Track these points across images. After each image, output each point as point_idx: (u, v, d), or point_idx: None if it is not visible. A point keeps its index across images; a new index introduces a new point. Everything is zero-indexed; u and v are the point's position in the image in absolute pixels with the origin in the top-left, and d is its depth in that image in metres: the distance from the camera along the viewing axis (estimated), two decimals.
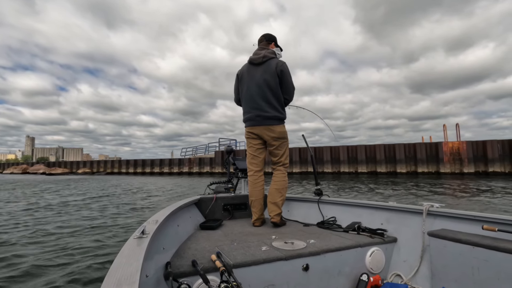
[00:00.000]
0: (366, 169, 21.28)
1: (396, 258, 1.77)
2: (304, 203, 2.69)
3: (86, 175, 32.27)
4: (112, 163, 35.01)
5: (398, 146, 20.70)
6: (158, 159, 31.27)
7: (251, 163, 2.44)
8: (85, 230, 4.66)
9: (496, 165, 18.33)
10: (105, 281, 0.71)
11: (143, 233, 1.17)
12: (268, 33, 2.51)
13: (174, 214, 1.85)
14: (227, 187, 2.93)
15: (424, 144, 20.18)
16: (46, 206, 7.62)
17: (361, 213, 2.16)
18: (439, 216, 1.69)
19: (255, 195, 2.36)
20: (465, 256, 1.35)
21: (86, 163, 37.75)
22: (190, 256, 1.44)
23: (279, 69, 2.27)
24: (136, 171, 32.03)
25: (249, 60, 2.42)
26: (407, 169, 20.30)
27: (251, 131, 2.38)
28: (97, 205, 7.86)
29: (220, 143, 28.16)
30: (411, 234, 1.76)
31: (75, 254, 3.36)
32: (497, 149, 18.41)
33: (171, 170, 29.80)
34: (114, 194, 10.65)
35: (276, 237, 1.88)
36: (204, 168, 27.43)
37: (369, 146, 21.56)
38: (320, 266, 1.53)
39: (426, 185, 12.41)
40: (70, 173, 36.55)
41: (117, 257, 0.90)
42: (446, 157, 19.39)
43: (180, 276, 1.22)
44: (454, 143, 19.52)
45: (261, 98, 2.30)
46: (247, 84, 2.38)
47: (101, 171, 34.80)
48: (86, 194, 10.71)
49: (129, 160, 33.41)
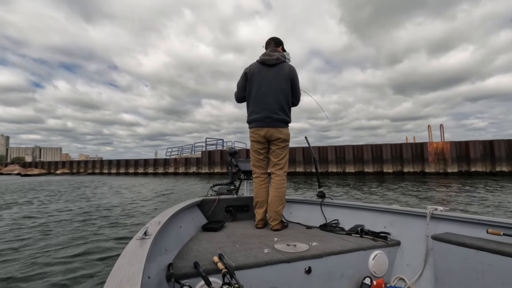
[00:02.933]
0: (354, 169, 21.41)
1: (400, 261, 1.75)
2: (307, 206, 2.68)
3: (65, 175, 30.86)
4: (93, 163, 33.65)
5: (384, 146, 20.95)
6: (142, 159, 30.31)
7: (255, 165, 2.46)
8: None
9: (478, 165, 18.88)
10: (107, 282, 0.71)
11: (145, 234, 1.16)
12: (275, 37, 2.53)
13: (177, 216, 1.84)
14: (229, 189, 2.92)
15: (410, 145, 20.51)
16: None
17: (364, 216, 2.14)
18: (443, 219, 1.66)
19: (260, 196, 2.38)
20: (470, 260, 1.33)
21: (65, 163, 36.12)
22: (192, 258, 1.44)
23: (292, 74, 2.34)
24: (119, 172, 30.88)
25: (260, 61, 2.40)
26: (393, 169, 20.57)
27: (258, 132, 2.36)
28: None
29: (207, 143, 27.74)
30: (415, 237, 1.74)
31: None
32: (479, 149, 18.98)
33: (156, 171, 28.94)
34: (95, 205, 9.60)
35: (279, 240, 1.87)
36: (190, 169, 26.79)
37: (357, 146, 21.70)
38: (322, 269, 1.52)
39: (428, 185, 12.51)
40: (48, 173, 34.87)
41: (119, 258, 0.90)
42: (431, 157, 19.79)
43: (182, 278, 1.21)
44: (438, 143, 19.95)
45: (274, 100, 2.31)
46: (258, 84, 2.36)
47: (81, 172, 33.38)
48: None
49: (111, 160, 32.18)
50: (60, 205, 8.01)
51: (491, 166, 18.71)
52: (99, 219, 5.75)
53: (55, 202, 8.71)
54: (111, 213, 6.53)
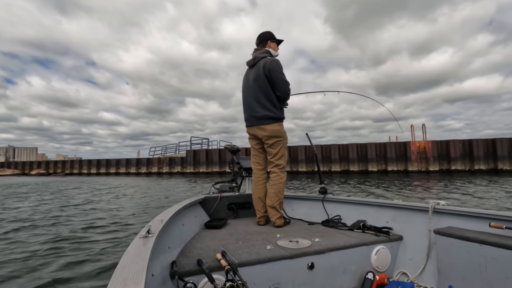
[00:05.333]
0: (339, 168, 21.62)
1: (402, 256, 1.76)
2: (309, 202, 2.69)
3: (41, 176, 29.34)
4: (71, 164, 32.16)
5: (369, 145, 21.29)
6: (124, 159, 29.34)
7: (253, 162, 2.50)
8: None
9: (458, 163, 19.54)
10: (112, 280, 0.71)
11: (148, 233, 1.17)
12: (261, 33, 2.48)
13: (179, 214, 1.85)
14: (231, 186, 2.93)
15: (393, 144, 20.95)
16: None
17: (366, 211, 2.15)
18: (445, 213, 1.67)
19: (256, 193, 2.39)
20: (472, 254, 1.33)
21: (41, 163, 34.35)
22: (195, 255, 1.44)
23: (267, 68, 2.27)
24: (99, 172, 29.75)
25: (246, 64, 2.48)
26: (378, 167, 20.93)
27: (248, 132, 2.45)
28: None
29: (192, 142, 27.24)
30: (417, 232, 1.74)
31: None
32: (459, 148, 19.64)
33: (138, 171, 28.10)
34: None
35: (281, 236, 1.87)
36: (174, 168, 26.19)
37: (342, 146, 21.93)
38: (325, 264, 1.53)
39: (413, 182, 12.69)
40: (22, 174, 33.08)
41: (123, 257, 0.90)
42: (414, 156, 20.29)
43: (186, 275, 1.22)
44: (421, 142, 20.49)
45: (253, 99, 2.34)
46: (243, 86, 2.48)
47: (58, 172, 31.86)
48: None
49: (91, 160, 30.95)
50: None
51: (470, 164, 19.41)
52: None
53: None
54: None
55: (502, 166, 18.79)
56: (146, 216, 5.78)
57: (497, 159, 18.95)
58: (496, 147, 19.02)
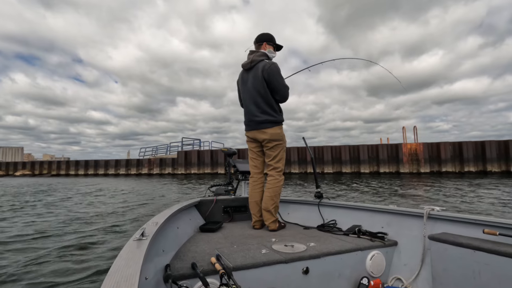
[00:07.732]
0: (332, 170, 21.62)
1: (397, 261, 1.76)
2: (305, 206, 2.68)
3: (25, 177, 28.39)
4: (58, 164, 31.18)
5: (362, 147, 21.36)
6: (113, 160, 28.62)
7: (251, 165, 2.46)
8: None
9: (448, 165, 19.77)
10: (104, 283, 0.71)
11: (142, 235, 1.16)
12: (259, 34, 2.44)
13: (174, 216, 1.83)
14: (227, 190, 2.92)
15: (385, 145, 21.07)
16: None
17: (361, 216, 2.16)
18: (440, 219, 1.67)
19: (253, 197, 2.37)
20: (466, 260, 1.34)
21: (26, 164, 33.23)
22: (189, 259, 1.43)
23: (266, 72, 2.24)
24: (87, 173, 28.95)
25: (242, 66, 2.42)
26: (370, 169, 21.00)
27: (248, 135, 2.42)
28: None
29: (184, 143, 26.85)
30: (412, 237, 1.75)
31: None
32: (449, 150, 19.88)
33: (128, 172, 27.46)
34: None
35: (276, 240, 1.87)
36: (165, 170, 25.71)
37: (335, 147, 21.94)
38: (320, 269, 1.52)
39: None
40: (6, 175, 31.93)
41: (116, 259, 0.89)
42: (405, 158, 20.44)
43: (180, 279, 1.21)
44: (412, 144, 20.65)
45: (252, 103, 2.32)
46: (242, 90, 2.44)
47: (45, 173, 30.88)
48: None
49: (79, 161, 30.10)
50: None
51: (460, 166, 19.67)
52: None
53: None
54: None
55: (491, 168, 19.08)
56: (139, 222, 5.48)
57: (486, 161, 19.26)
58: (485, 150, 19.32)
